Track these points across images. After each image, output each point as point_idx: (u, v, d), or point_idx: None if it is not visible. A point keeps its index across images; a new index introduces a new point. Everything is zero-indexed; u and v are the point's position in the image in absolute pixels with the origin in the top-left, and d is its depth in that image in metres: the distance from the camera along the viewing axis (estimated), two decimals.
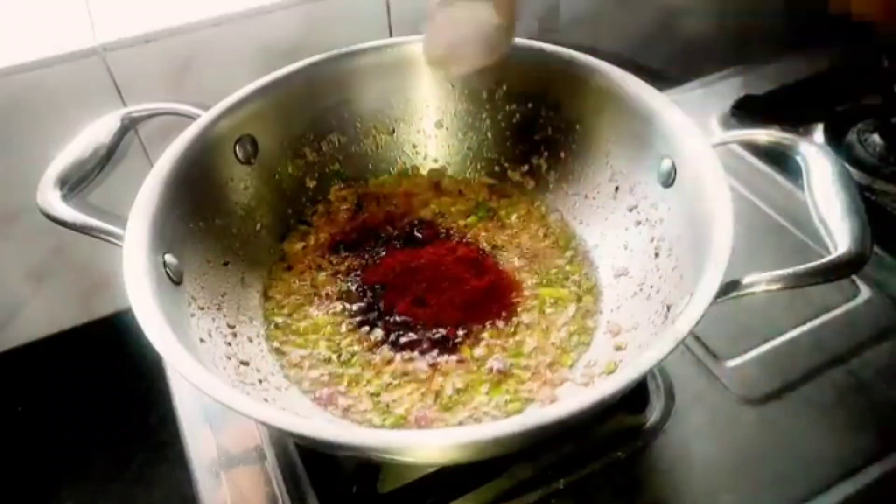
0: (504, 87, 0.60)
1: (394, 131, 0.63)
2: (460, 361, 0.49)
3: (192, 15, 0.67)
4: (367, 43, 0.59)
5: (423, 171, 0.64)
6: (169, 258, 0.45)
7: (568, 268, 0.56)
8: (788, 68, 0.85)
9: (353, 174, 0.63)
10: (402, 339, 0.51)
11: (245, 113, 0.54)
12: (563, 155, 0.60)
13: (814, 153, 0.48)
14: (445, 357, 0.50)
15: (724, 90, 0.82)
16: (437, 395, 0.47)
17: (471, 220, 0.61)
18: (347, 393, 0.48)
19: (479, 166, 0.64)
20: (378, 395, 0.48)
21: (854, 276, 0.59)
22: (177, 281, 0.45)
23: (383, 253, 0.57)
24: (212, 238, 0.52)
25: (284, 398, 0.47)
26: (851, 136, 0.72)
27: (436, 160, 0.64)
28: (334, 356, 0.50)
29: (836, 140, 0.73)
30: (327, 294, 0.55)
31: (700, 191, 0.45)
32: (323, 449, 0.45)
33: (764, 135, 0.52)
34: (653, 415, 0.51)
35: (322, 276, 0.56)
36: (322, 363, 0.50)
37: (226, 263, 0.53)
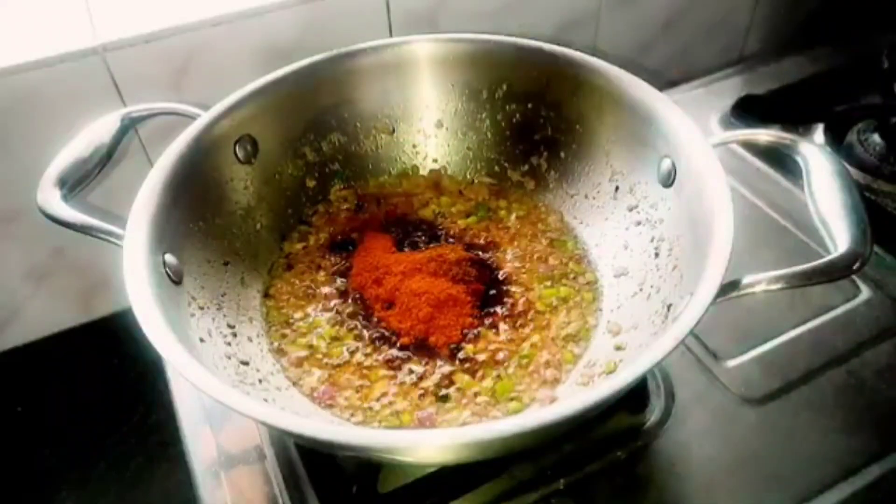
0: (504, 87, 0.60)
1: (394, 131, 0.63)
2: (460, 361, 0.49)
3: (192, 15, 0.67)
4: (367, 43, 0.59)
5: (423, 171, 0.64)
6: (169, 258, 0.45)
7: (568, 267, 0.56)
8: (788, 68, 0.85)
9: (353, 174, 0.63)
10: (402, 339, 0.51)
11: (245, 113, 0.54)
12: (563, 155, 0.60)
13: (814, 153, 0.48)
14: (445, 357, 0.50)
15: (724, 90, 0.83)
16: (437, 394, 0.48)
17: (471, 220, 0.61)
18: (347, 393, 0.48)
19: (479, 166, 0.64)
20: (378, 394, 0.48)
21: (854, 276, 0.59)
22: (177, 281, 0.45)
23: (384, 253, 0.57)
24: (212, 238, 0.52)
25: (284, 398, 0.47)
26: (851, 136, 0.72)
27: (436, 160, 0.64)
28: (334, 356, 0.50)
29: (836, 140, 0.73)
30: (327, 294, 0.55)
31: (700, 191, 0.45)
32: (323, 449, 0.45)
33: (764, 135, 0.52)
34: (653, 415, 0.51)
35: (322, 275, 0.56)
36: (322, 363, 0.50)
37: (226, 263, 0.53)
